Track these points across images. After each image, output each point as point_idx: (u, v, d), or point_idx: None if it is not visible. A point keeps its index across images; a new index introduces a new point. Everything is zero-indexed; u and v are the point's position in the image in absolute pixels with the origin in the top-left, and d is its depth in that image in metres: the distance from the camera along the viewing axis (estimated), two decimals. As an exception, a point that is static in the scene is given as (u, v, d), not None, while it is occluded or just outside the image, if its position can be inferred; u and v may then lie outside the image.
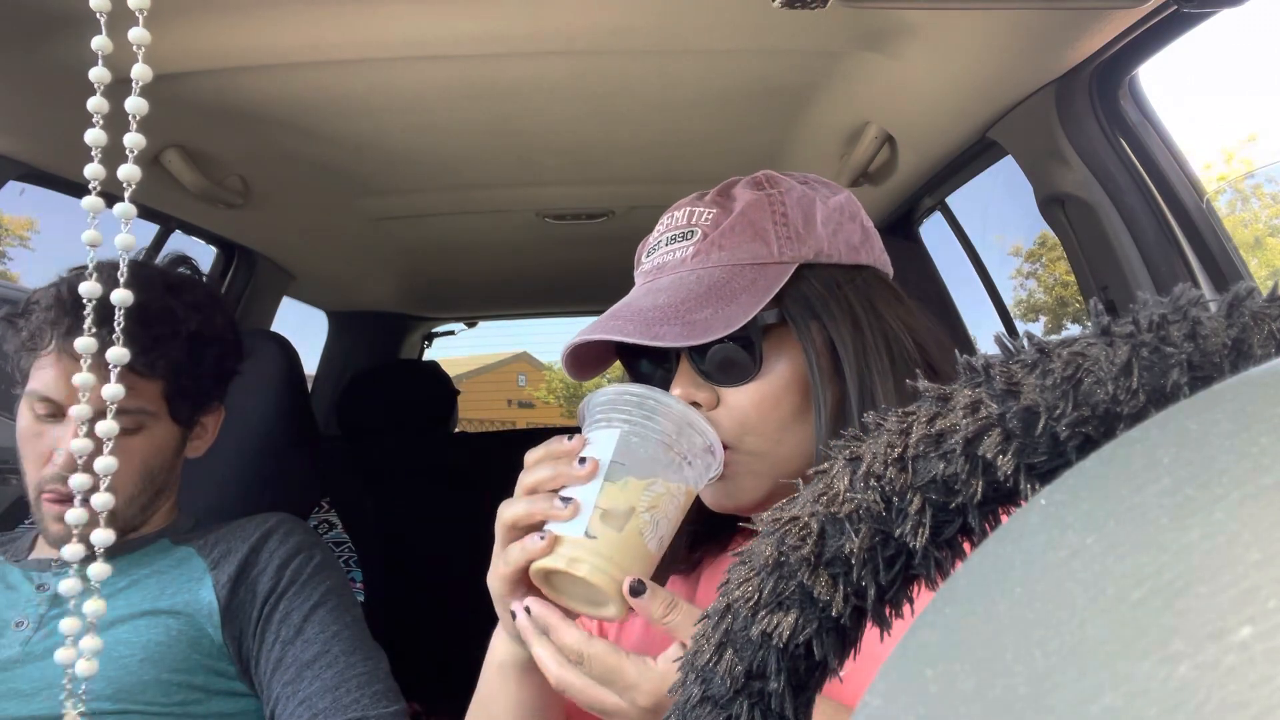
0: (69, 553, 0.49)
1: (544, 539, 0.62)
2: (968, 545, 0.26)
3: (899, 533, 0.26)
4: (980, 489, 0.25)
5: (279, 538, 1.11)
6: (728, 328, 0.68)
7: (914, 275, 1.87)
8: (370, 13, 1.11)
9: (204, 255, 2.03)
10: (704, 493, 0.75)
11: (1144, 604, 0.13)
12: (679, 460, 0.66)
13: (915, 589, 0.27)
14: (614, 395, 0.68)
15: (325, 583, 1.08)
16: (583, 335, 0.74)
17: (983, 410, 0.25)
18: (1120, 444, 0.16)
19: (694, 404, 0.72)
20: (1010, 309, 1.96)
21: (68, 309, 1.03)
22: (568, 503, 0.63)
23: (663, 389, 0.72)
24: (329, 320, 2.89)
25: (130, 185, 0.46)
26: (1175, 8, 0.93)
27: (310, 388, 2.76)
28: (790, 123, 1.53)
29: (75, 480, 0.49)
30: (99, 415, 0.48)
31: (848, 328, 0.72)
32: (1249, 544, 0.13)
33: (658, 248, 0.78)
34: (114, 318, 0.47)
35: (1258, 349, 0.22)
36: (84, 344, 0.47)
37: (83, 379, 0.47)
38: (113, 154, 0.46)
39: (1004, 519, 0.25)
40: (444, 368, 2.65)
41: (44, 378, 1.02)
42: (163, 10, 1.08)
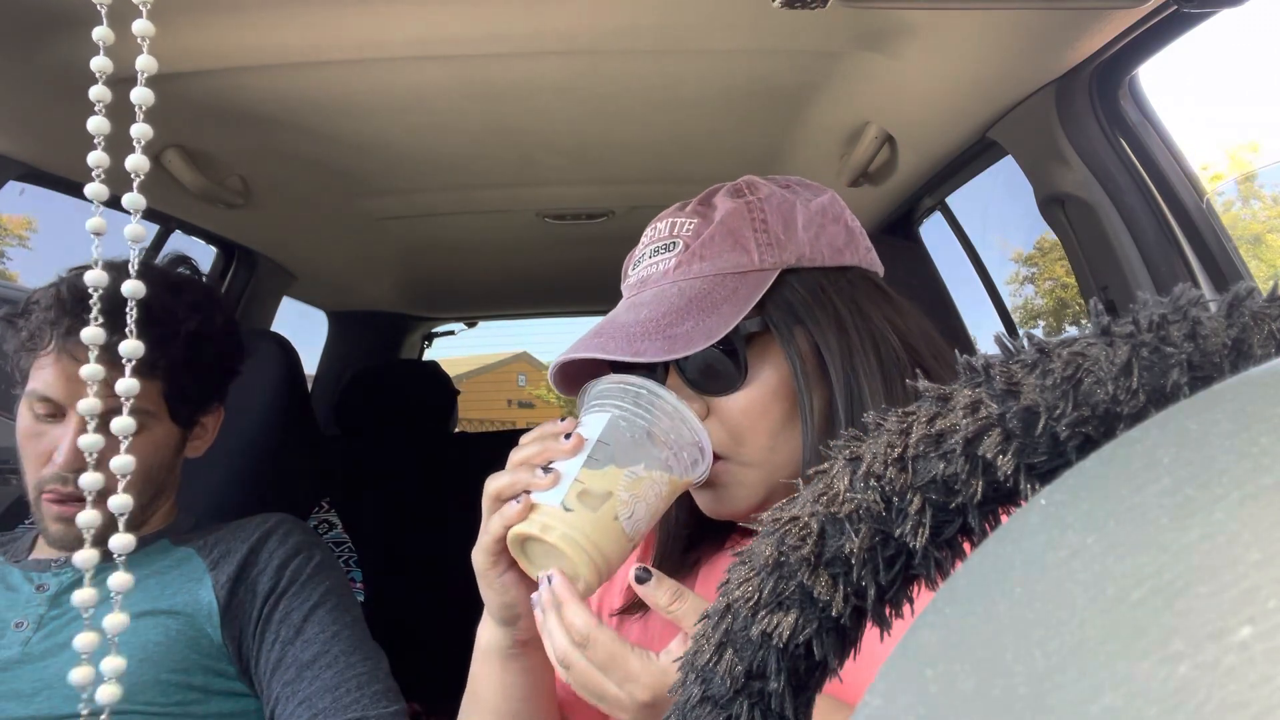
0: (81, 559, 0.46)
1: (519, 502, 0.64)
2: (968, 545, 0.26)
3: (899, 533, 0.26)
4: (980, 489, 0.25)
5: (279, 538, 1.11)
6: (709, 339, 0.68)
7: (914, 275, 1.87)
8: (370, 13, 1.11)
9: (204, 255, 2.03)
10: (699, 500, 0.76)
11: (1144, 604, 0.13)
12: (666, 451, 0.67)
13: (915, 589, 0.27)
14: (611, 383, 0.69)
15: (325, 583, 1.08)
16: (567, 354, 0.74)
17: (983, 410, 0.25)
18: (1120, 444, 0.16)
19: None
20: (1009, 312, 1.96)
21: (68, 309, 1.03)
22: (548, 472, 0.64)
23: None
24: (329, 320, 2.89)
25: (139, 176, 0.46)
26: (1175, 8, 0.93)
27: (310, 388, 2.76)
28: (790, 123, 1.53)
29: (86, 479, 0.47)
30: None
31: (833, 331, 0.72)
32: (1249, 544, 0.13)
33: (642, 260, 0.78)
34: (119, 313, 0.47)
35: (1258, 349, 0.22)
36: (90, 334, 0.47)
37: (90, 370, 0.46)
38: (116, 148, 0.46)
39: (1004, 519, 0.25)
40: (444, 368, 2.65)
41: (44, 377, 1.02)
42: (163, 10, 1.08)
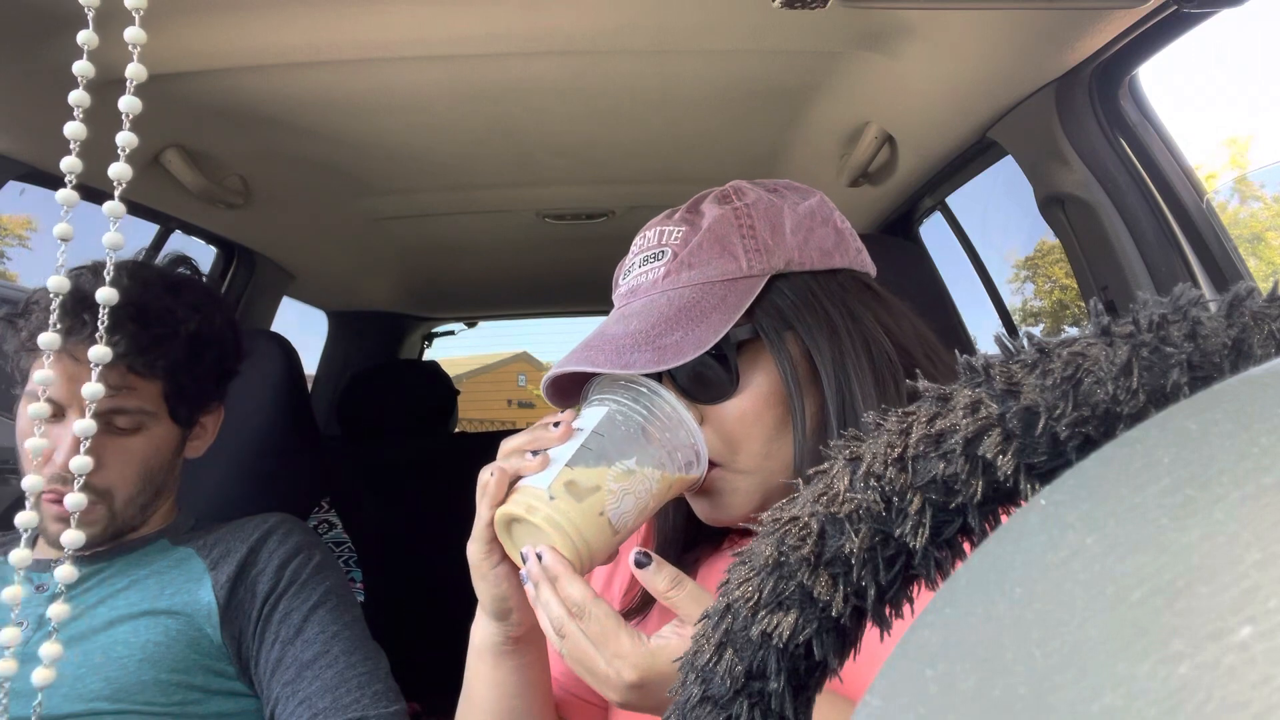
0: (14, 558, 0.48)
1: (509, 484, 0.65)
2: (968, 545, 0.26)
3: (899, 533, 0.26)
4: (980, 489, 0.25)
5: (279, 538, 1.11)
6: (699, 349, 0.68)
7: (914, 275, 1.87)
8: (370, 13, 1.11)
9: (204, 255, 2.03)
10: (696, 507, 0.76)
11: (1144, 604, 0.13)
12: (660, 449, 0.67)
13: (915, 589, 0.27)
14: (616, 380, 0.69)
15: (325, 583, 1.08)
16: (557, 368, 0.74)
17: (983, 410, 0.25)
18: (1120, 444, 0.16)
19: None
20: (1009, 312, 1.96)
21: (68, 309, 1.03)
22: (536, 454, 0.65)
23: None
24: (329, 320, 2.89)
25: (120, 184, 0.46)
26: (1175, 8, 0.93)
27: (310, 388, 2.76)
28: (790, 123, 1.53)
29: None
30: (98, 419, 0.48)
31: (823, 335, 0.72)
32: (1249, 544, 0.13)
33: (631, 269, 0.78)
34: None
35: (1258, 349, 0.22)
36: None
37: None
38: (107, 153, 0.46)
39: (1004, 519, 0.25)
40: (444, 368, 2.65)
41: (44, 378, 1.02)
42: (163, 10, 1.08)
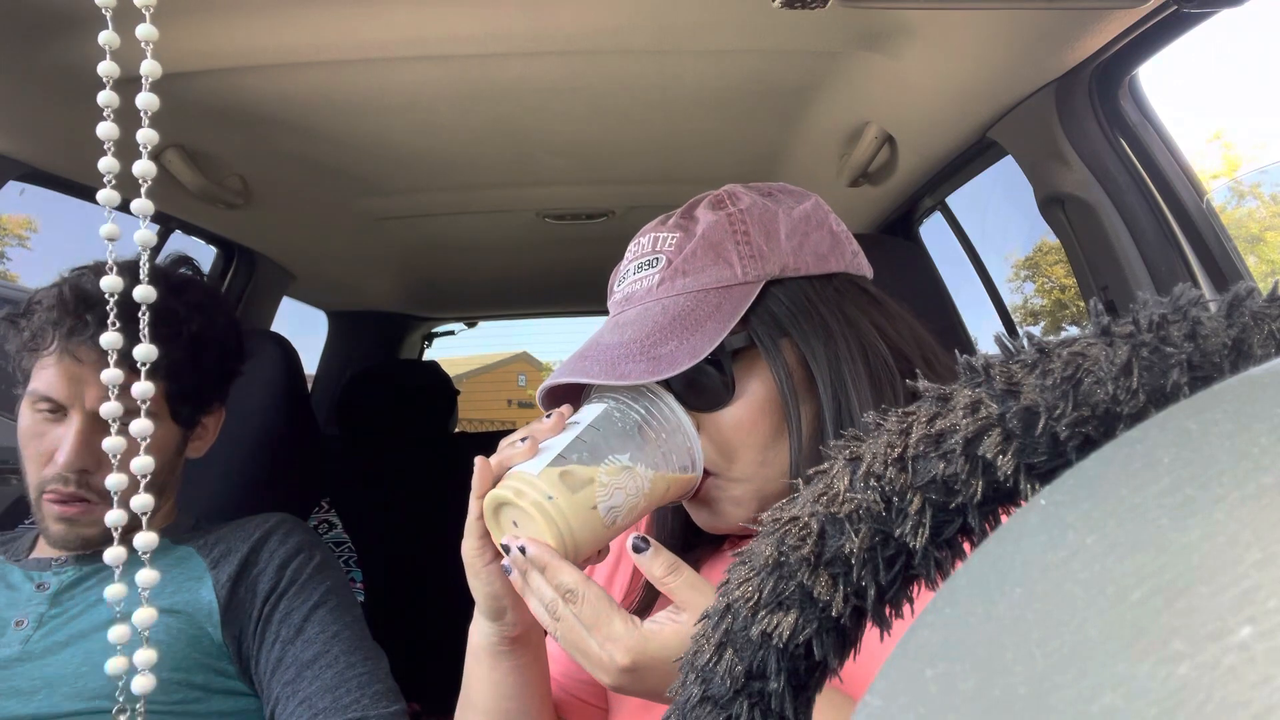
0: (110, 556, 0.49)
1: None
2: (968, 545, 0.26)
3: (899, 533, 0.26)
4: (980, 489, 0.25)
5: (279, 537, 1.11)
6: (693, 358, 0.67)
7: (914, 275, 1.87)
8: (370, 13, 1.11)
9: (204, 255, 2.03)
10: (694, 514, 0.76)
11: (1144, 604, 0.13)
12: (656, 450, 0.67)
13: (915, 589, 0.27)
14: (628, 383, 0.69)
15: (325, 583, 1.09)
16: (551, 379, 0.74)
17: (983, 410, 0.25)
18: (1120, 444, 0.16)
19: None
20: (1009, 312, 1.96)
21: (70, 309, 1.03)
22: (527, 441, 0.65)
23: None
24: (329, 320, 2.89)
25: (146, 181, 0.47)
26: (1175, 8, 0.93)
27: (310, 388, 2.76)
28: (790, 123, 1.53)
29: (111, 480, 0.49)
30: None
31: (819, 341, 0.71)
32: (1249, 544, 0.13)
33: (626, 276, 0.77)
34: (129, 315, 0.48)
35: (1258, 349, 0.22)
36: (109, 340, 0.48)
37: (110, 375, 0.47)
38: (120, 151, 0.47)
39: (1004, 519, 0.25)
40: (444, 368, 2.65)
41: (46, 377, 1.02)
42: (163, 10, 1.08)
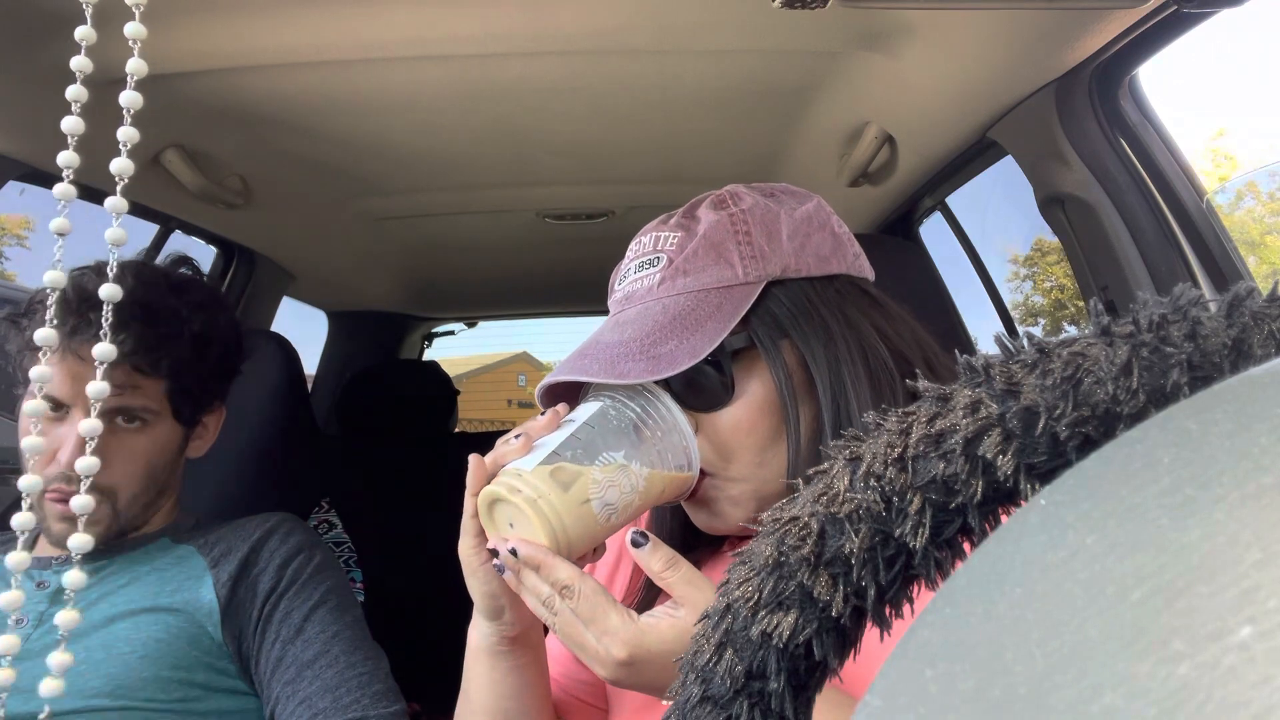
0: (11, 561, 0.49)
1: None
2: (968, 545, 0.26)
3: (899, 533, 0.26)
4: (980, 489, 0.25)
5: (280, 537, 1.11)
6: (693, 358, 0.67)
7: (914, 275, 1.87)
8: (370, 13, 1.11)
9: (204, 255, 2.03)
10: (691, 515, 0.76)
11: (1144, 604, 0.13)
12: (651, 449, 0.67)
13: (915, 589, 0.27)
14: (626, 383, 0.69)
15: (325, 582, 1.09)
16: (551, 377, 0.74)
17: (983, 410, 0.25)
18: (1120, 444, 0.16)
19: None
20: (1009, 312, 1.96)
21: (73, 308, 1.03)
22: (520, 438, 0.65)
23: None
24: (329, 320, 2.89)
25: (122, 179, 0.46)
26: (1175, 8, 0.93)
27: (310, 388, 2.76)
28: (790, 123, 1.53)
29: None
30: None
31: (819, 343, 0.71)
32: (1249, 544, 0.13)
33: (627, 275, 0.77)
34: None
35: (1258, 349, 0.22)
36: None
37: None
38: (109, 151, 0.46)
39: (1004, 519, 0.25)
40: (444, 368, 2.65)
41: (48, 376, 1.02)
42: (163, 10, 1.08)
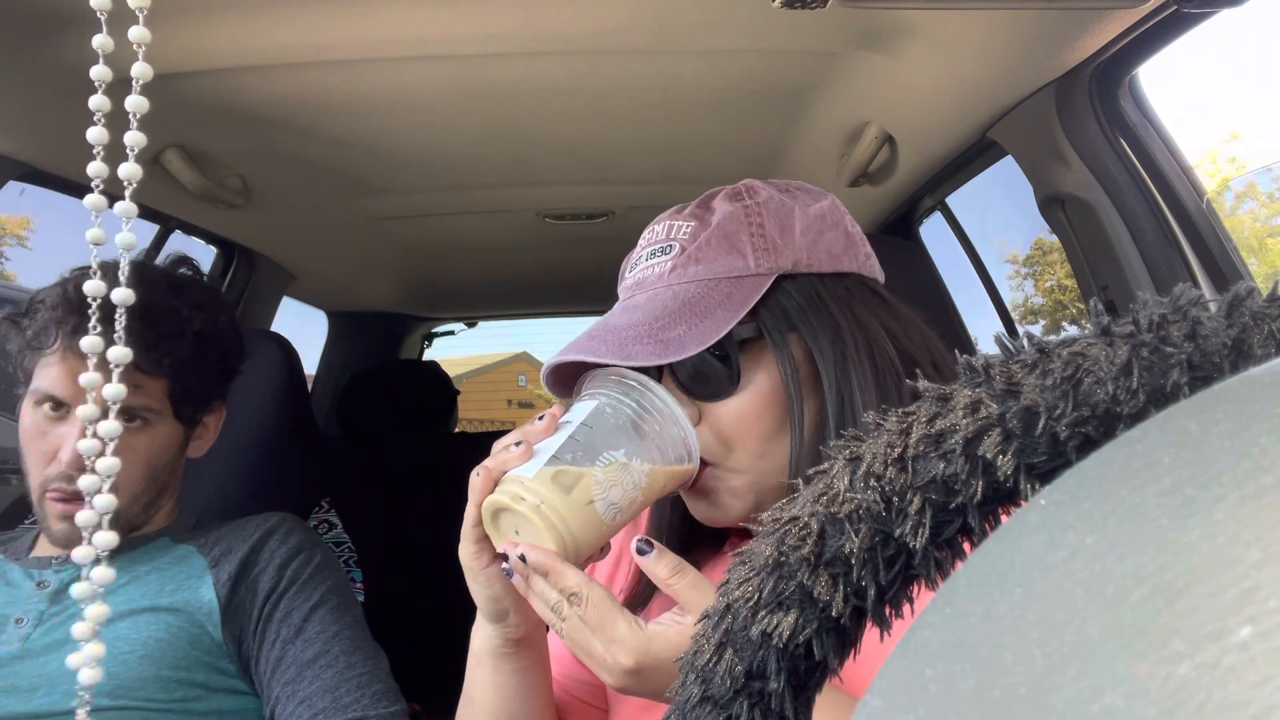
0: (79, 555, 0.48)
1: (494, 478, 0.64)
2: (968, 545, 0.26)
3: (899, 533, 0.26)
4: (980, 489, 0.25)
5: (280, 537, 1.11)
6: (701, 344, 0.68)
7: (914, 275, 1.87)
8: (370, 13, 1.11)
9: (204, 255, 2.03)
10: (691, 506, 0.76)
11: (1144, 604, 0.13)
12: (650, 443, 0.66)
13: (915, 589, 0.27)
14: (608, 375, 0.69)
15: (325, 583, 1.09)
16: (558, 356, 0.74)
17: (983, 410, 0.25)
18: (1120, 444, 0.16)
19: None
20: (1009, 312, 1.96)
21: (74, 308, 1.03)
22: (521, 444, 0.64)
23: None
24: (329, 320, 2.89)
25: (131, 184, 0.46)
26: (1175, 8, 0.93)
27: (310, 388, 2.76)
28: (790, 123, 1.53)
29: (84, 481, 0.49)
30: (104, 415, 0.48)
31: (827, 338, 0.71)
32: (1249, 544, 0.13)
33: (638, 263, 0.78)
34: (115, 317, 0.48)
35: (1258, 349, 0.22)
36: (89, 343, 0.47)
37: (89, 379, 0.47)
38: (113, 153, 0.46)
39: (1004, 519, 0.25)
40: (444, 368, 2.65)
41: (49, 376, 1.02)
42: (163, 10, 1.08)
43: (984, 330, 1.99)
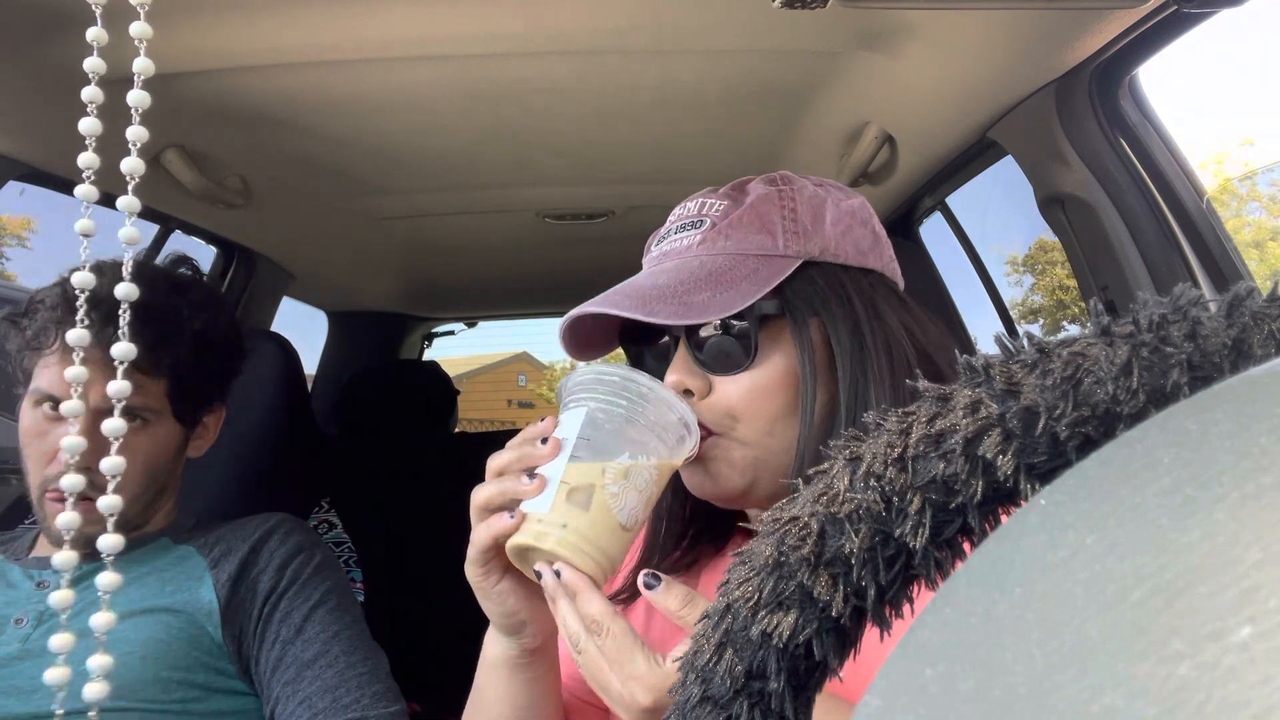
0: (59, 560, 0.46)
1: (513, 517, 0.63)
2: (968, 545, 0.26)
3: (899, 533, 0.26)
4: (980, 489, 0.25)
5: (279, 537, 1.11)
6: (724, 311, 0.69)
7: (914, 275, 1.87)
8: (370, 13, 1.11)
9: (204, 255, 2.03)
10: (685, 475, 0.75)
11: (1144, 604, 0.13)
12: (650, 435, 0.66)
13: (915, 589, 0.27)
14: (587, 376, 0.68)
15: (325, 583, 1.09)
16: (580, 309, 0.74)
17: (983, 410, 0.25)
18: (1120, 444, 0.16)
19: (686, 391, 0.73)
20: (1009, 312, 1.96)
21: (73, 307, 1.03)
22: (533, 477, 0.63)
23: (658, 375, 0.73)
24: (329, 320, 2.89)
25: (133, 179, 0.46)
26: (1175, 8, 0.93)
27: (310, 388, 2.75)
28: (790, 123, 1.53)
29: (66, 481, 0.48)
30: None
31: (846, 328, 0.72)
32: (1249, 544, 0.13)
33: (667, 236, 0.79)
34: (118, 314, 0.47)
35: (1258, 349, 0.22)
36: (75, 336, 0.47)
37: (74, 373, 0.46)
38: (115, 149, 0.46)
39: (1004, 519, 0.25)
40: (444, 368, 2.65)
41: (49, 376, 1.02)
42: (163, 10, 1.08)
43: (984, 330, 1.99)
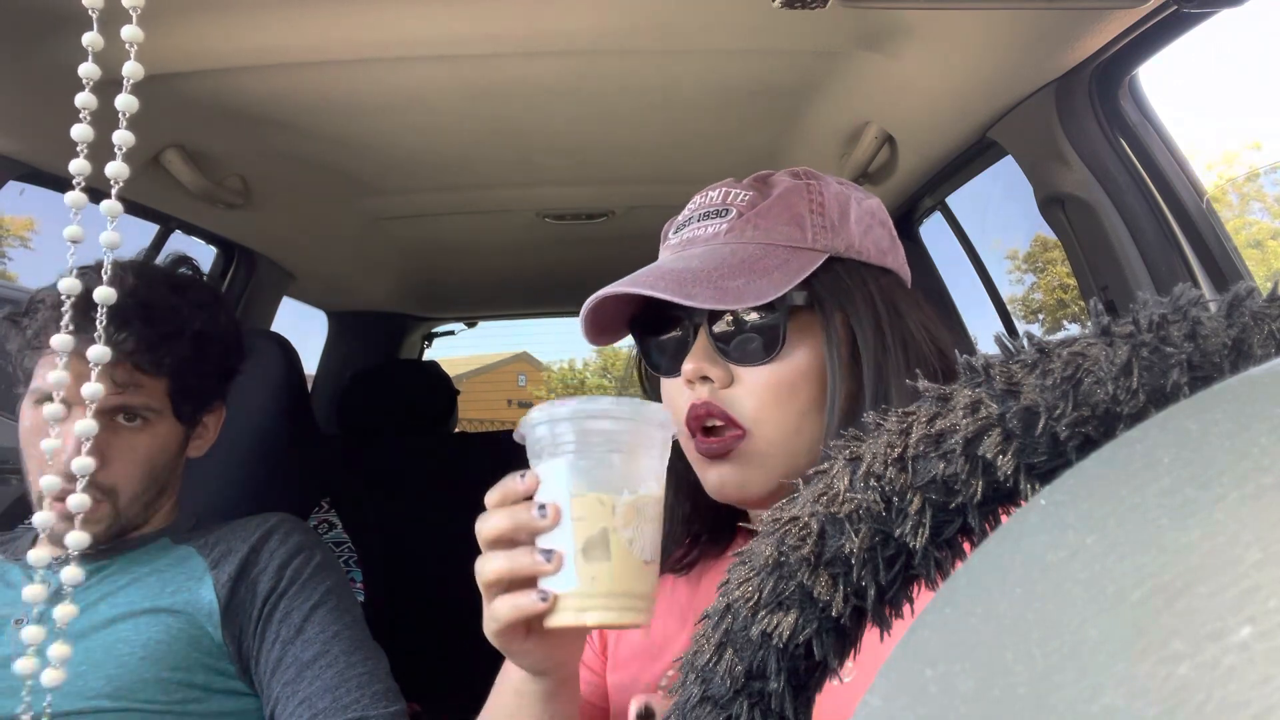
0: (33, 557, 0.48)
1: (543, 598, 0.59)
2: (968, 545, 0.26)
3: (899, 533, 0.26)
4: (980, 489, 0.25)
5: (279, 537, 1.11)
6: (759, 299, 0.69)
7: (914, 275, 1.87)
8: (370, 13, 1.11)
9: (204, 255, 2.03)
10: (710, 479, 0.73)
11: (1144, 604, 0.13)
12: (639, 462, 0.62)
13: (915, 589, 0.27)
14: (543, 428, 0.62)
15: (325, 583, 1.09)
16: (611, 288, 0.73)
17: (983, 410, 0.25)
18: (1120, 444, 0.16)
19: (705, 378, 0.72)
20: (1009, 311, 1.96)
21: (78, 308, 1.03)
22: (550, 556, 0.59)
23: (674, 363, 0.74)
24: (329, 320, 2.89)
25: (117, 183, 0.46)
26: (1175, 8, 0.93)
27: (310, 388, 2.75)
28: (790, 123, 1.53)
29: (45, 481, 0.48)
30: (100, 414, 0.48)
31: (870, 325, 0.73)
32: (1249, 544, 0.13)
33: (688, 223, 0.79)
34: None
35: (1258, 349, 0.22)
36: (60, 341, 0.47)
37: (57, 378, 0.47)
38: (106, 152, 0.46)
39: (1004, 519, 0.25)
40: (444, 368, 2.65)
41: (48, 376, 1.02)
42: (163, 10, 1.08)
43: (984, 330, 1.99)
